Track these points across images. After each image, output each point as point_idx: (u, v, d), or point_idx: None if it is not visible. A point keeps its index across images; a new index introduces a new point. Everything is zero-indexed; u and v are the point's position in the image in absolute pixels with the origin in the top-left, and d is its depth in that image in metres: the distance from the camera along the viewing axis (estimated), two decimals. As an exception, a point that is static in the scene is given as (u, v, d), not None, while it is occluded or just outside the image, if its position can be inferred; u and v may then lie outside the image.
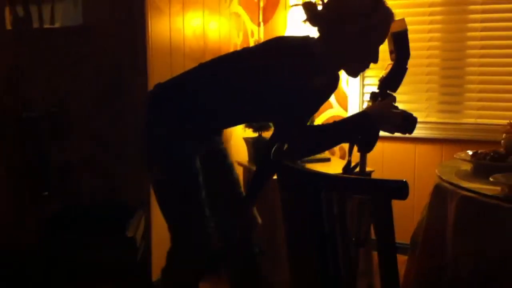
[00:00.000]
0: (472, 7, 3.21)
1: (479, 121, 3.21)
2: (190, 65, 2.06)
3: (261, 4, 3.63)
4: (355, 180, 1.28)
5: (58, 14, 2.66)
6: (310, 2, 1.87)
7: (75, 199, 2.58)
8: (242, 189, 2.17)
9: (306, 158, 2.97)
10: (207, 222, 1.92)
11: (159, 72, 2.57)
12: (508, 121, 1.92)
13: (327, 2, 1.88)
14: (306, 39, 1.92)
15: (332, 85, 2.06)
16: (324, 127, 1.99)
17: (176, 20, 2.78)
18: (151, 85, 2.21)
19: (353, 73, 1.98)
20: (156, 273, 2.25)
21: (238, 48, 3.41)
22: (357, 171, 1.93)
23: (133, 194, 2.56)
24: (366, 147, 1.91)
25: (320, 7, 1.87)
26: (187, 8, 2.86)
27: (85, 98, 2.60)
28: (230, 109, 1.94)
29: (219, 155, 2.13)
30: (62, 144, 2.57)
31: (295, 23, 3.15)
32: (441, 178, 1.68)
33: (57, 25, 2.66)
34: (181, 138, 1.90)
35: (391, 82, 1.93)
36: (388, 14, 1.83)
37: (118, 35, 2.55)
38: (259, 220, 2.19)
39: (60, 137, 2.56)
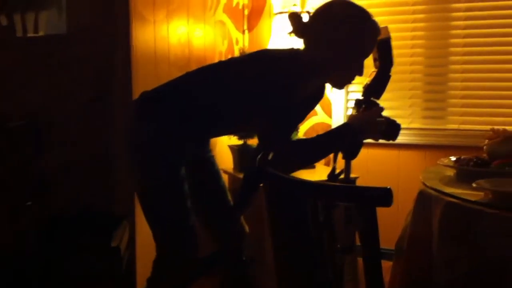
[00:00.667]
0: (454, 14, 3.26)
1: (462, 127, 3.25)
2: (176, 73, 2.05)
3: (246, 12, 3.64)
4: (340, 188, 1.29)
5: (42, 23, 2.64)
6: (296, 14, 1.87)
7: (59, 209, 2.56)
8: (230, 196, 2.16)
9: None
10: (192, 230, 1.92)
11: (144, 81, 2.56)
12: (490, 127, 1.94)
13: (314, 14, 1.88)
14: (292, 51, 1.92)
15: (318, 96, 2.08)
16: (308, 142, 1.99)
17: (161, 28, 2.77)
18: (136, 93, 2.20)
19: (338, 85, 1.99)
20: (141, 283, 2.23)
21: (223, 56, 3.42)
22: (342, 178, 1.94)
23: (118, 203, 2.54)
24: (350, 154, 1.92)
25: (306, 18, 1.87)
26: (172, 16, 2.86)
27: (69, 107, 2.57)
28: (217, 119, 1.94)
29: (207, 163, 2.13)
30: (45, 153, 2.54)
31: (279, 31, 3.17)
32: (425, 184, 1.69)
33: (41, 33, 2.64)
34: (167, 147, 1.89)
35: (375, 89, 1.94)
36: (374, 28, 1.84)
37: (102, 43, 2.54)
38: (247, 229, 2.19)
39: (43, 147, 2.54)
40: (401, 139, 2.02)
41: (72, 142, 2.58)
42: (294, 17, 1.86)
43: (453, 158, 1.89)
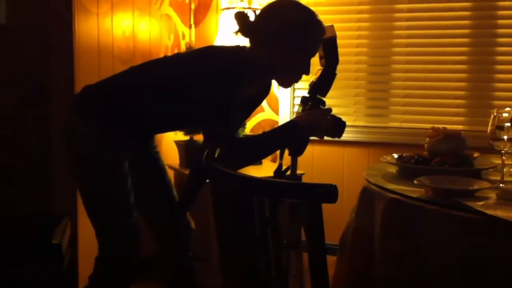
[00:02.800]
0: (397, 14, 3.33)
1: (404, 125, 3.33)
2: (119, 67, 2.01)
3: (193, 6, 3.61)
4: (286, 185, 1.29)
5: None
6: (242, 13, 1.85)
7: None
8: (175, 193, 2.14)
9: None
10: (135, 227, 1.90)
11: (87, 74, 2.50)
12: (431, 125, 2.00)
13: (260, 13, 1.87)
14: (238, 48, 1.91)
15: (264, 93, 2.08)
16: (255, 139, 1.99)
17: (105, 21, 2.71)
18: (78, 87, 2.14)
19: (285, 84, 1.99)
20: (83, 281, 2.18)
21: (169, 50, 3.38)
22: (288, 175, 1.95)
23: (59, 201, 2.47)
24: (297, 151, 1.93)
25: (252, 17, 1.86)
26: (116, 8, 2.80)
27: (6, 102, 2.47)
28: (162, 115, 1.91)
29: (152, 159, 2.09)
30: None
31: (226, 26, 3.15)
32: (368, 181, 1.72)
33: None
34: (109, 142, 1.85)
35: (321, 86, 1.96)
36: (321, 28, 1.85)
37: (44, 36, 2.45)
38: (193, 225, 2.18)
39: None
40: (346, 136, 2.06)
41: (10, 139, 2.47)
42: (240, 16, 1.84)
43: (395, 156, 1.93)
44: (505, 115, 1.61)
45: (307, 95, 1.98)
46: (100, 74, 2.60)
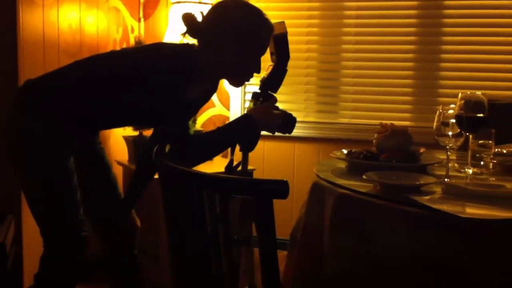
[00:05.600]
0: (347, 12, 3.38)
1: (353, 121, 3.39)
2: (65, 60, 1.96)
3: (142, 0, 3.55)
4: (238, 180, 1.29)
5: None
6: (190, 14, 1.81)
7: None
8: (121, 190, 2.11)
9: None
10: (81, 224, 1.86)
11: (31, 68, 2.43)
12: (379, 121, 2.03)
13: (208, 14, 1.85)
14: (187, 47, 1.87)
15: (212, 90, 2.06)
16: (208, 135, 1.97)
17: (50, 13, 2.63)
18: (22, 81, 2.07)
19: (236, 83, 1.97)
20: (28, 280, 2.13)
21: (118, 44, 3.31)
22: (239, 170, 1.95)
23: (2, 198, 2.39)
24: (248, 147, 1.93)
25: (200, 18, 1.83)
26: (63, 0, 2.72)
27: None
28: (106, 112, 1.87)
29: (96, 156, 2.05)
30: None
31: (176, 20, 3.12)
32: (318, 176, 1.73)
33: None
34: (53, 138, 1.80)
35: (272, 82, 1.97)
36: (269, 28, 1.84)
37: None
38: (138, 223, 2.14)
39: None
40: (296, 132, 2.07)
41: None
42: (188, 18, 1.80)
43: (345, 151, 1.96)
44: (450, 111, 1.65)
45: (258, 91, 1.98)
46: (45, 67, 2.53)
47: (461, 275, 1.26)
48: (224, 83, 3.40)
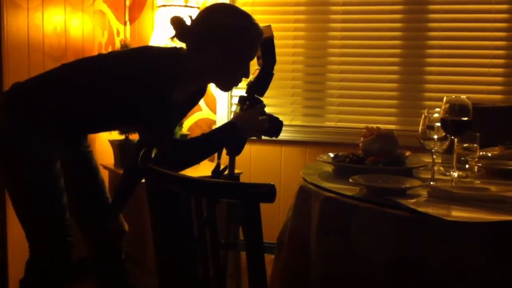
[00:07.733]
0: (333, 16, 3.39)
1: (339, 124, 3.40)
2: (50, 64, 1.95)
3: (127, 3, 3.54)
4: (225, 185, 1.29)
5: None
6: (178, 18, 1.81)
7: None
8: (108, 194, 2.09)
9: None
10: (67, 229, 1.85)
11: (16, 71, 2.41)
12: (365, 125, 2.04)
13: (196, 18, 1.84)
14: (175, 50, 1.87)
15: (200, 94, 2.06)
16: (193, 141, 1.97)
17: (35, 16, 2.61)
18: (6, 85, 2.06)
19: (224, 88, 1.97)
20: (14, 285, 2.10)
21: (103, 47, 3.30)
22: (226, 174, 1.95)
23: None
24: (234, 151, 1.93)
25: (189, 21, 1.83)
26: (47, 3, 2.70)
27: None
28: (93, 116, 1.86)
29: (84, 158, 2.04)
30: None
31: (162, 24, 3.11)
32: (305, 180, 1.74)
33: None
34: (40, 142, 1.79)
35: (258, 86, 1.97)
36: (258, 32, 1.84)
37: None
38: (126, 227, 2.13)
39: None
40: (283, 135, 2.07)
41: None
42: (176, 22, 1.80)
43: (331, 155, 1.96)
44: (435, 115, 1.66)
45: (245, 95, 1.98)
46: (30, 71, 2.51)
47: (446, 278, 1.27)
48: (211, 87, 3.40)
